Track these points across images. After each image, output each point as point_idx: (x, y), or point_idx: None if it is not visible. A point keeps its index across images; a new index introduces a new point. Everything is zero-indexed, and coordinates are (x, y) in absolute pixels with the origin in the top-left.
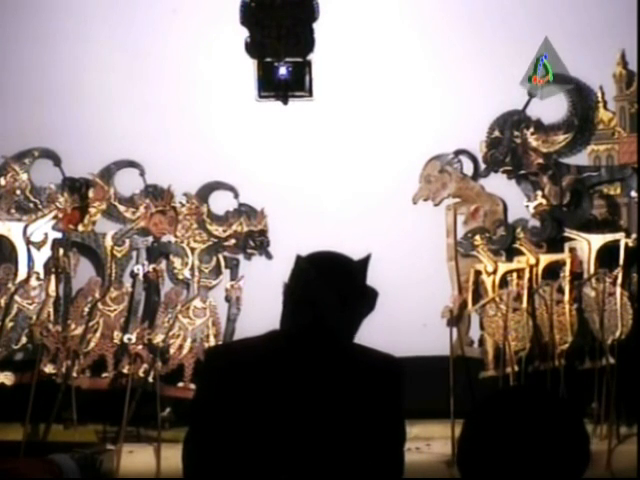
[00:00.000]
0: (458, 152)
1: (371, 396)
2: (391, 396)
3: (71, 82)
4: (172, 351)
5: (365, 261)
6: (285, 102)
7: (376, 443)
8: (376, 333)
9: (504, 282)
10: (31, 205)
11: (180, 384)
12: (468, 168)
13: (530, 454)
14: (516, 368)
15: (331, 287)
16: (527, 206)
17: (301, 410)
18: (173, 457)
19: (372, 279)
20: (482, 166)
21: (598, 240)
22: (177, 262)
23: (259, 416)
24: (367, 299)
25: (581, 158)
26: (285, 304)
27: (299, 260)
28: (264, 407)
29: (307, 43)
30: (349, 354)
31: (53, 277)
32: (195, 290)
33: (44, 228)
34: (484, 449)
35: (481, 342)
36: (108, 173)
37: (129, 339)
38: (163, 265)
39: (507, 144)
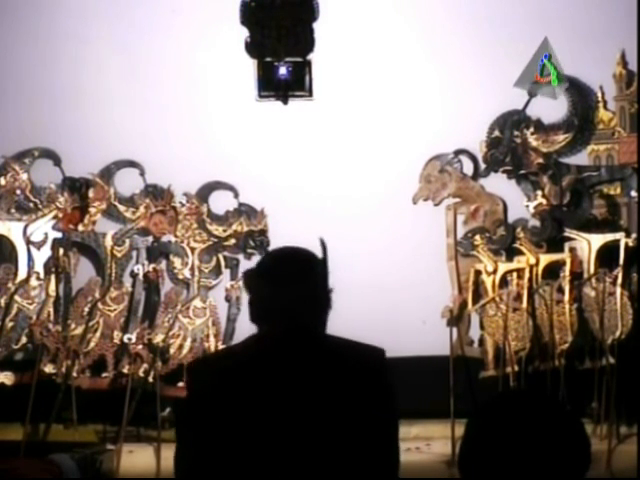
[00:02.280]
0: (458, 152)
1: (358, 389)
2: (378, 386)
3: (71, 82)
4: (172, 351)
5: (324, 255)
6: (285, 102)
7: (369, 435)
8: (376, 333)
9: (504, 282)
10: (31, 205)
11: (180, 384)
12: (468, 168)
13: (531, 457)
14: (516, 368)
15: (296, 288)
16: (527, 206)
17: (291, 412)
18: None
19: (372, 279)
20: (482, 166)
21: (598, 240)
22: (177, 262)
23: (248, 422)
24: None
25: (581, 158)
26: (255, 317)
27: (250, 274)
28: (253, 413)
29: (307, 43)
30: (331, 350)
31: (53, 277)
32: (195, 290)
33: (44, 228)
34: (485, 451)
35: (481, 342)
36: (108, 173)
37: (129, 339)
38: (163, 265)
39: (507, 144)
